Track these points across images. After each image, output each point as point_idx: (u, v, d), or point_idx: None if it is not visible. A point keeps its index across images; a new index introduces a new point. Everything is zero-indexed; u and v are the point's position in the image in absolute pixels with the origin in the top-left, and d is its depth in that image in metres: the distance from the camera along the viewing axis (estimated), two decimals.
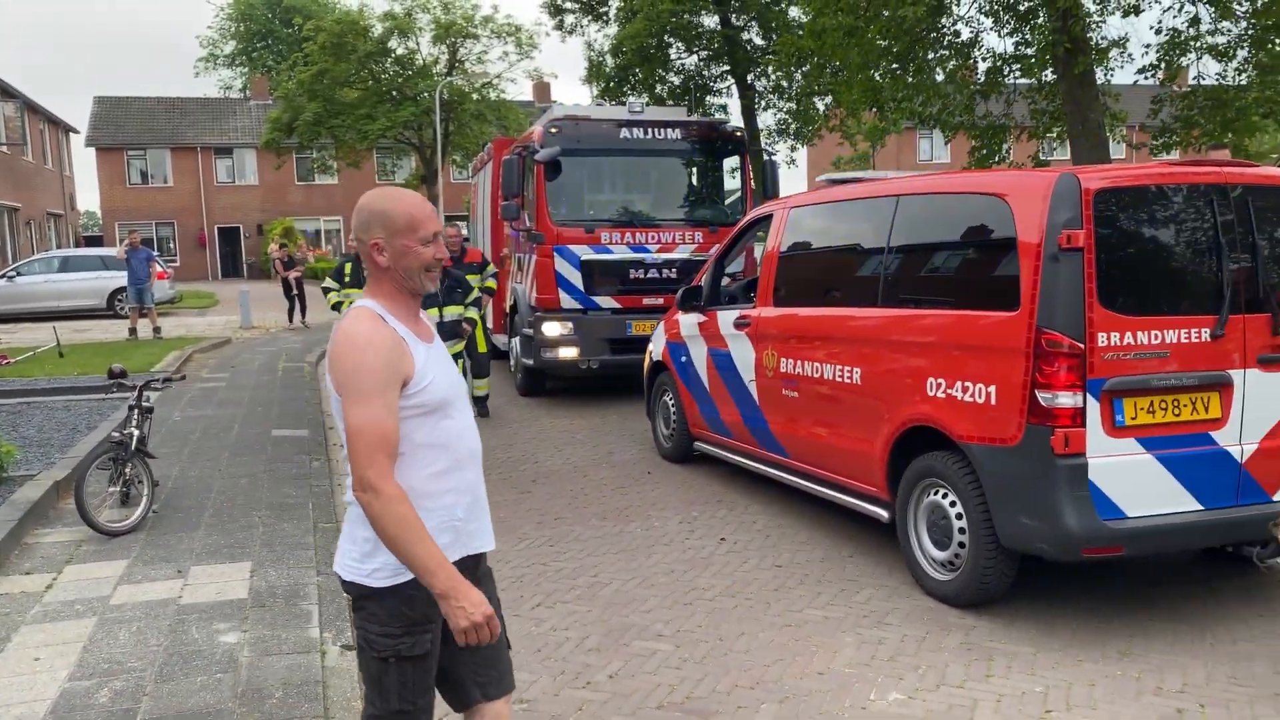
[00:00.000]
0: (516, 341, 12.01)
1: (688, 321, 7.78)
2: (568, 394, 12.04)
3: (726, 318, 7.19)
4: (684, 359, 7.90)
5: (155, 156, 46.75)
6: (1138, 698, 4.03)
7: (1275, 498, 4.68)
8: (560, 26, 20.80)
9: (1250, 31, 11.12)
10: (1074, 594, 5.13)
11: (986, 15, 12.20)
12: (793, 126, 20.15)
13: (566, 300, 10.81)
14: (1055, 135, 13.38)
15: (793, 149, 19.96)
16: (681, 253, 10.98)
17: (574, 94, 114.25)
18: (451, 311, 8.98)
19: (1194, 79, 12.47)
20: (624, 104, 13.00)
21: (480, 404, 10.43)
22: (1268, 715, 3.87)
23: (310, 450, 8.87)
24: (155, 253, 22.15)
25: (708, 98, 19.90)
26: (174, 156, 46.72)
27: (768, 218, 6.95)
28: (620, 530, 6.55)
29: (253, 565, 5.72)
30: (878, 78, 12.51)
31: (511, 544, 6.36)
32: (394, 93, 33.49)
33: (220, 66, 57.56)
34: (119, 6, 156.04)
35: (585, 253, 10.81)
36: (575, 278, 10.81)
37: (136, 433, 6.66)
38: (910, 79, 12.45)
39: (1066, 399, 4.38)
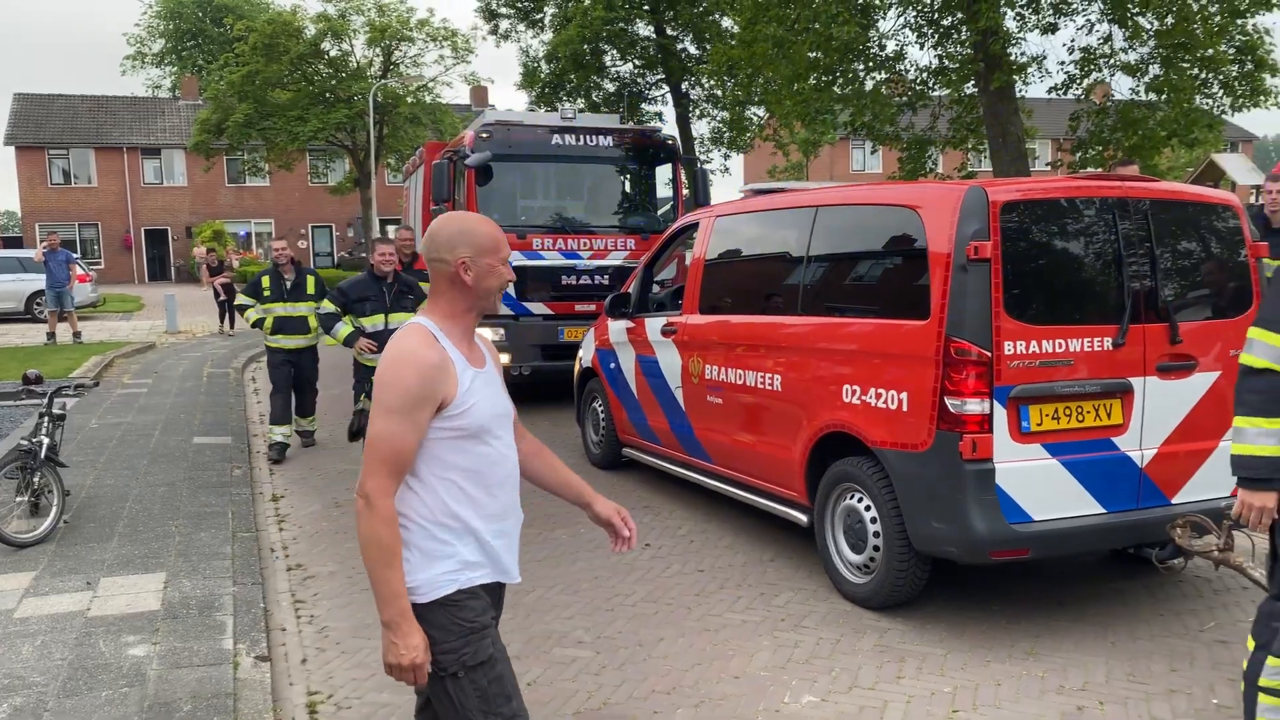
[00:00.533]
0: None
1: (616, 328, 7.81)
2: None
3: (654, 325, 7.24)
4: (613, 366, 7.93)
5: (79, 156, 45.42)
6: (1041, 696, 4.15)
7: (1174, 501, 4.85)
8: (495, 31, 20.76)
9: (1159, 51, 11.52)
10: (985, 596, 5.26)
11: (912, 30, 12.46)
12: (726, 135, 20.35)
13: (500, 307, 10.76)
14: (972, 147, 13.70)
15: (726, 157, 20.18)
16: (614, 259, 11.02)
17: (512, 99, 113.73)
18: (399, 319, 8.12)
19: (1117, 96, 12.87)
20: (557, 110, 13.01)
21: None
22: (1162, 712, 4.02)
23: (232, 458, 8.72)
24: (75, 255, 21.56)
25: (642, 105, 20.00)
26: (99, 156, 45.44)
27: (694, 226, 7.02)
28: (545, 537, 6.54)
29: (167, 576, 5.61)
30: (806, 89, 12.72)
31: None
32: (327, 95, 33.02)
33: (148, 65, 56.22)
34: (42, 4, 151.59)
35: (517, 258, 10.76)
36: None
37: (46, 440, 6.48)
38: (838, 90, 12.65)
39: (974, 406, 4.50)
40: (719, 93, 19.95)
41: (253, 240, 46.99)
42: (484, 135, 10.92)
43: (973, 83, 11.84)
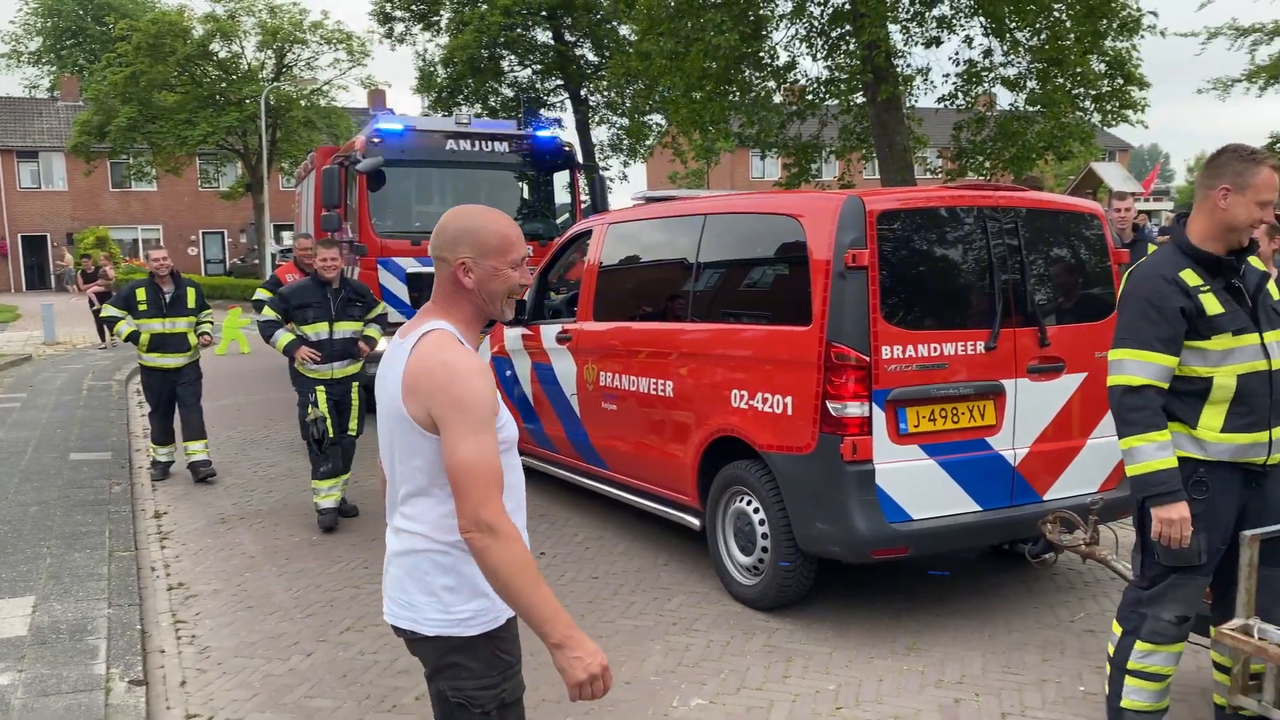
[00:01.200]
0: None
1: (512, 335, 7.78)
2: None
3: (549, 332, 7.22)
4: (509, 373, 7.88)
5: None
6: (920, 690, 4.29)
7: (1045, 497, 5.06)
8: (390, 35, 20.46)
9: (1035, 66, 12.04)
10: (870, 595, 5.40)
11: (802, 42, 12.74)
12: (626, 142, 20.45)
13: (392, 314, 10.54)
14: (861, 156, 14.07)
15: (626, 164, 20.27)
16: None
17: (411, 103, 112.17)
18: (345, 328, 7.25)
19: (1002, 108, 13.37)
20: (453, 115, 12.89)
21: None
22: (1033, 701, 4.18)
23: (112, 474, 8.38)
24: None
25: (542, 111, 19.93)
26: None
27: (588, 233, 7.04)
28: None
29: (36, 600, 5.36)
30: (700, 99, 12.89)
31: (325, 566, 6.20)
32: (217, 97, 32.07)
33: (25, 64, 53.68)
34: None
35: (411, 265, 10.63)
36: (401, 291, 10.61)
37: None
38: (732, 98, 12.85)
39: (854, 409, 4.62)
40: (619, 100, 20.06)
41: (139, 246, 45.28)
42: (375, 140, 10.75)
43: (862, 93, 12.16)
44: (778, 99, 12.99)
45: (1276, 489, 3.41)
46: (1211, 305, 3.28)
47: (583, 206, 11.94)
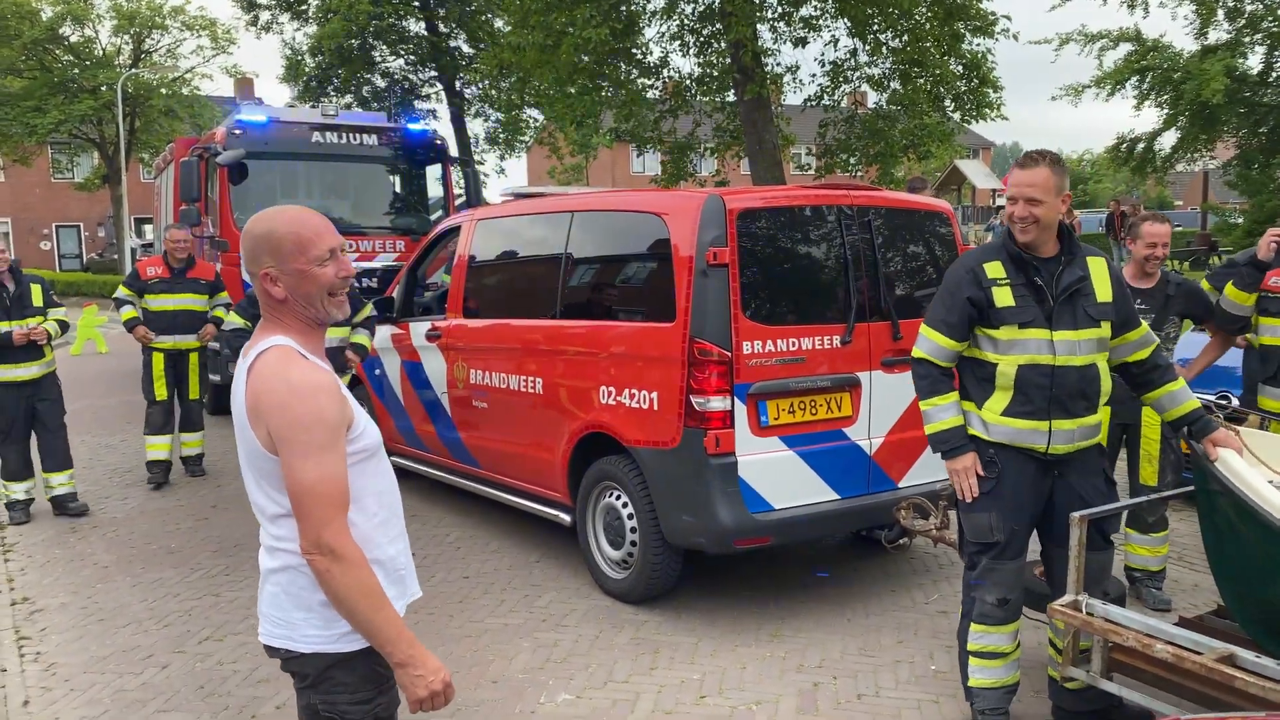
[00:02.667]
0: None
1: (381, 333, 7.63)
2: None
3: (419, 329, 7.12)
4: (378, 372, 7.74)
5: None
6: (782, 675, 4.41)
7: (900, 484, 5.26)
8: (255, 23, 19.74)
9: (897, 67, 12.47)
10: (736, 585, 5.52)
11: (673, 39, 12.87)
12: (502, 136, 20.28)
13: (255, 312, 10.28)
14: (735, 154, 14.31)
15: (503, 158, 20.14)
16: (381, 261, 10.74)
17: (279, 92, 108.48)
18: (333, 335, 6.68)
19: (873, 105, 13.77)
20: (319, 107, 12.55)
21: (195, 464, 8.66)
22: (888, 682, 4.36)
23: None
24: None
25: (415, 102, 19.59)
26: None
27: (457, 229, 6.97)
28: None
29: None
30: (574, 93, 12.89)
31: (184, 574, 5.99)
32: (69, 84, 30.38)
33: None
34: None
35: None
36: None
37: None
38: (604, 94, 12.89)
39: (717, 403, 4.72)
40: (494, 92, 19.86)
41: None
42: (236, 132, 10.40)
43: (732, 91, 12.37)
44: (652, 95, 13.09)
45: (1079, 480, 3.65)
46: (1002, 298, 3.53)
47: (456, 201, 11.81)
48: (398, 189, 11.74)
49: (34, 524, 7.16)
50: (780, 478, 4.86)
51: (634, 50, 12.80)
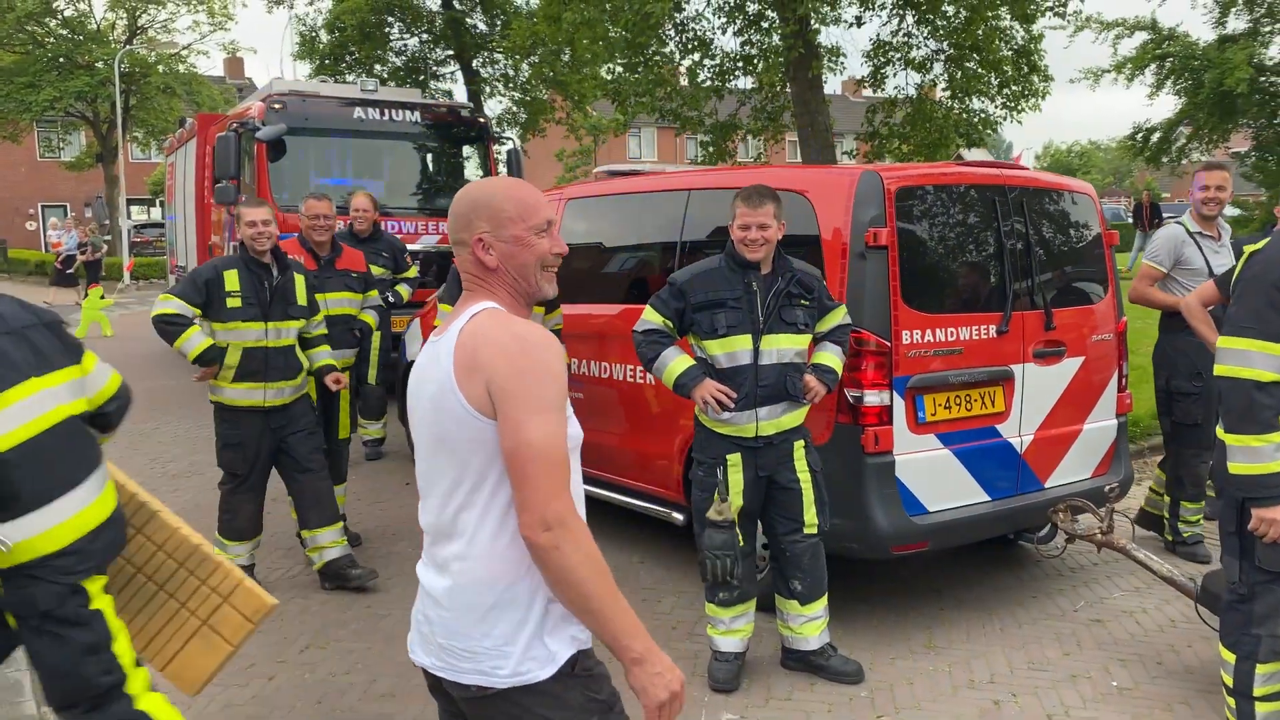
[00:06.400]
0: None
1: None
2: None
3: None
4: None
5: None
6: (955, 692, 4.09)
7: (1046, 485, 4.94)
8: None
9: (953, 47, 12.12)
10: (862, 589, 5.18)
11: (719, 14, 12.48)
12: (521, 116, 19.82)
13: None
14: (773, 136, 13.95)
15: (522, 139, 19.64)
16: (425, 243, 10.34)
17: (272, 72, 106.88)
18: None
19: (941, 96, 13.36)
20: (342, 83, 12.14)
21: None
22: (1072, 700, 4.03)
23: None
24: None
25: (432, 82, 19.12)
26: None
27: None
28: (388, 551, 5.95)
29: None
30: (616, 70, 12.49)
31: (262, 575, 5.60)
32: (62, 60, 29.60)
33: None
34: None
35: None
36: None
37: None
38: (644, 72, 12.49)
39: (874, 397, 4.37)
40: (512, 72, 19.40)
41: None
42: (276, 106, 9.96)
43: (784, 71, 12.01)
44: (700, 76, 12.69)
45: None
46: None
47: None
48: (438, 168, 11.32)
49: None
50: (936, 478, 4.53)
51: (682, 27, 12.39)
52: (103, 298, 18.35)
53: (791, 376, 4.02)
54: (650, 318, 4.16)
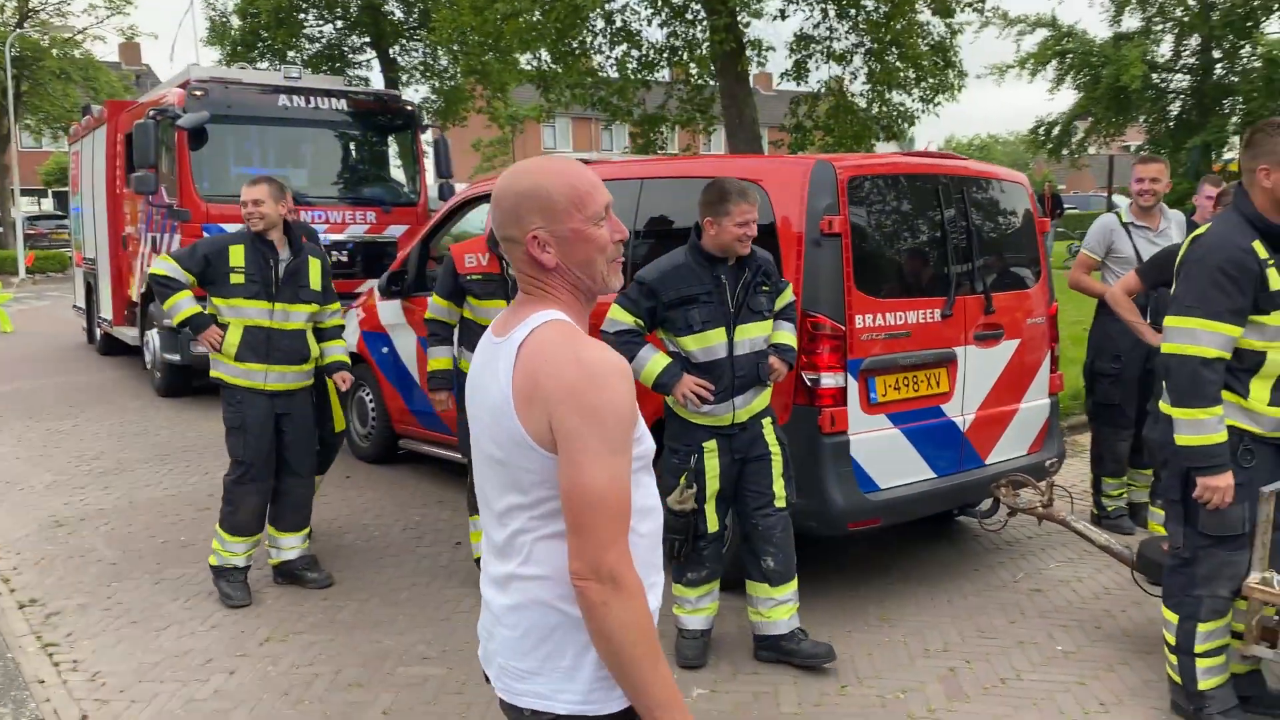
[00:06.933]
0: (155, 335, 10.51)
1: (389, 309, 7.18)
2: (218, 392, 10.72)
3: None
4: (385, 350, 7.29)
5: None
6: (913, 662, 4.26)
7: (986, 462, 5.16)
8: None
9: (878, 41, 12.42)
10: (814, 566, 5.33)
11: (645, 4, 12.56)
12: (440, 106, 19.59)
13: None
14: (701, 128, 14.09)
15: (442, 128, 19.38)
16: (352, 233, 10.20)
17: (169, 59, 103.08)
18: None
19: (862, 90, 13.62)
20: (256, 69, 11.85)
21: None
22: (1022, 664, 4.24)
23: None
24: None
25: (348, 70, 18.75)
26: None
27: (485, 198, 6.56)
28: (336, 545, 5.89)
29: None
30: (543, 60, 12.46)
31: (210, 571, 5.48)
32: None
33: None
34: None
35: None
36: None
37: None
38: (572, 62, 12.49)
39: (830, 379, 4.51)
40: (431, 61, 19.15)
41: None
42: (197, 93, 9.68)
43: (713, 64, 12.14)
44: (629, 66, 12.73)
45: None
46: (1275, 280, 3.31)
47: (425, 170, 11.28)
48: (367, 157, 11.16)
49: (5, 519, 6.51)
50: (887, 457, 4.70)
51: (610, 17, 12.41)
52: (2, 291, 17.58)
53: (762, 363, 4.11)
54: (619, 317, 4.10)
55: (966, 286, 4.99)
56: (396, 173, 11.33)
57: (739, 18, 11.02)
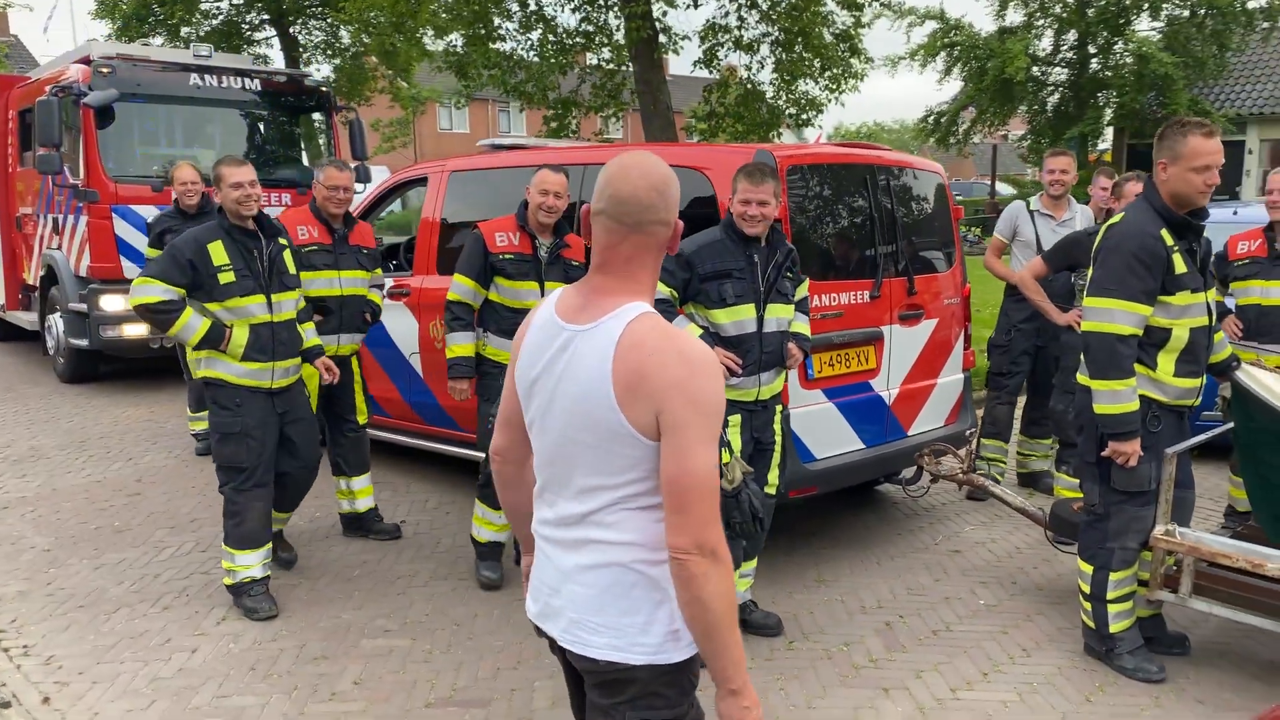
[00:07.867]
0: (58, 319, 10.18)
1: None
2: (128, 377, 10.49)
3: None
4: None
5: None
6: (851, 618, 4.59)
7: (909, 433, 5.53)
8: None
9: (785, 31, 12.78)
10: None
11: None
12: (343, 85, 19.20)
13: (131, 268, 9.37)
14: (612, 113, 14.27)
15: (349, 108, 18.99)
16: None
17: (39, 30, 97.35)
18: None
19: (756, 75, 13.95)
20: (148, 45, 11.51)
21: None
22: (950, 617, 4.60)
23: None
24: None
25: (246, 47, 18.21)
26: None
27: (421, 180, 6.63)
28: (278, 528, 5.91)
29: None
30: (455, 42, 12.42)
31: (150, 554, 5.49)
32: None
33: None
34: None
35: (152, 214, 9.44)
36: (141, 242, 9.40)
37: None
38: (486, 46, 12.50)
39: None
40: (332, 40, 18.78)
41: None
42: (104, 70, 9.40)
43: (629, 51, 12.30)
44: (546, 50, 12.79)
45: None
46: (1179, 264, 3.72)
47: (338, 151, 11.16)
48: (280, 138, 10.99)
49: None
50: (822, 429, 5.00)
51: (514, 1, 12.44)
52: None
53: (785, 345, 4.26)
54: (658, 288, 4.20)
55: (891, 269, 5.33)
56: (310, 154, 11.19)
57: (654, 6, 11.20)
